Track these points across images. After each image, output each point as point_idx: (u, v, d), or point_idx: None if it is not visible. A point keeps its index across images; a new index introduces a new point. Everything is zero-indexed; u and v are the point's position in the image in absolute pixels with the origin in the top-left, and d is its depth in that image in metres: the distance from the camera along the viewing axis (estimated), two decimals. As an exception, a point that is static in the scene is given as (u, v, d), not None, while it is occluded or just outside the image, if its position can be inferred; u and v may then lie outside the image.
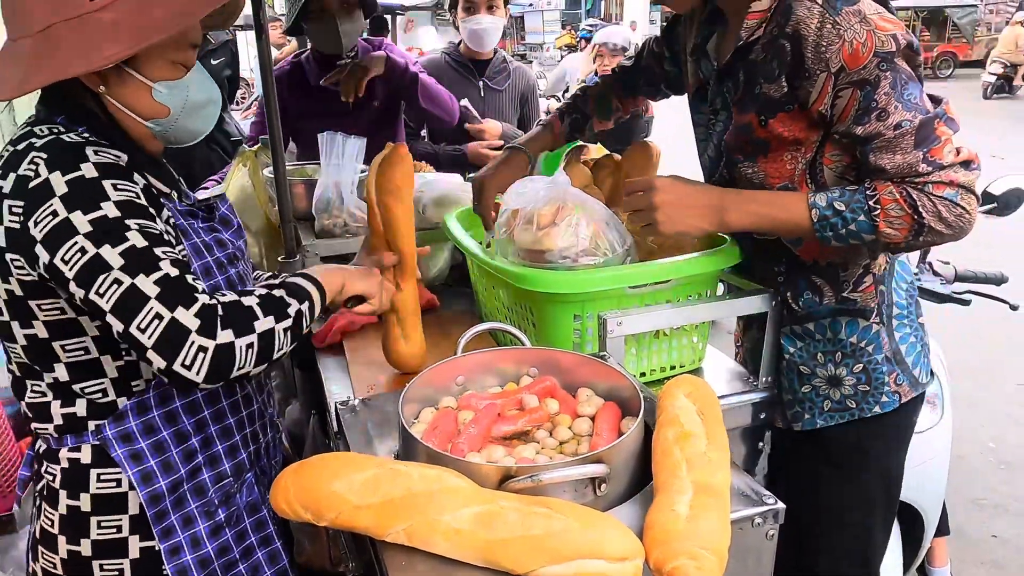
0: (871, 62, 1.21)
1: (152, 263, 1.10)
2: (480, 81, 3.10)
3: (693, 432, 0.98)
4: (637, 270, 1.43)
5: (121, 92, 1.22)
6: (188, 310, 1.09)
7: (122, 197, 1.13)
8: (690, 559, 0.81)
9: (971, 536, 2.94)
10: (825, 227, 1.28)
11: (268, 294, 1.21)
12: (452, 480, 0.91)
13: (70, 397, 1.24)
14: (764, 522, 0.94)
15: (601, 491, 0.94)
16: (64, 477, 1.26)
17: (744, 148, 1.40)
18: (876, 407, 1.45)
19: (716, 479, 0.91)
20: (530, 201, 1.45)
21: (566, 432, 1.09)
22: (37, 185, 1.11)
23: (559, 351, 1.24)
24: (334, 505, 0.92)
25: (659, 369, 1.56)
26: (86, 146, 1.16)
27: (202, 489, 1.32)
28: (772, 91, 1.32)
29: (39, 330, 1.19)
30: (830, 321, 1.44)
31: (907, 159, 1.23)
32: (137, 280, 1.08)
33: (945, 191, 1.22)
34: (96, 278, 1.08)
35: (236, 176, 2.27)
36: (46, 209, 1.09)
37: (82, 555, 1.26)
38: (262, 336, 1.15)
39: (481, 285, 1.78)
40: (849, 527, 1.52)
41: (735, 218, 1.36)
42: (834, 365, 1.45)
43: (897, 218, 1.24)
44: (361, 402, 1.27)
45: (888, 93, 1.22)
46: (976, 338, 3.18)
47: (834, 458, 1.49)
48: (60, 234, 1.09)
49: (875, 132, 1.24)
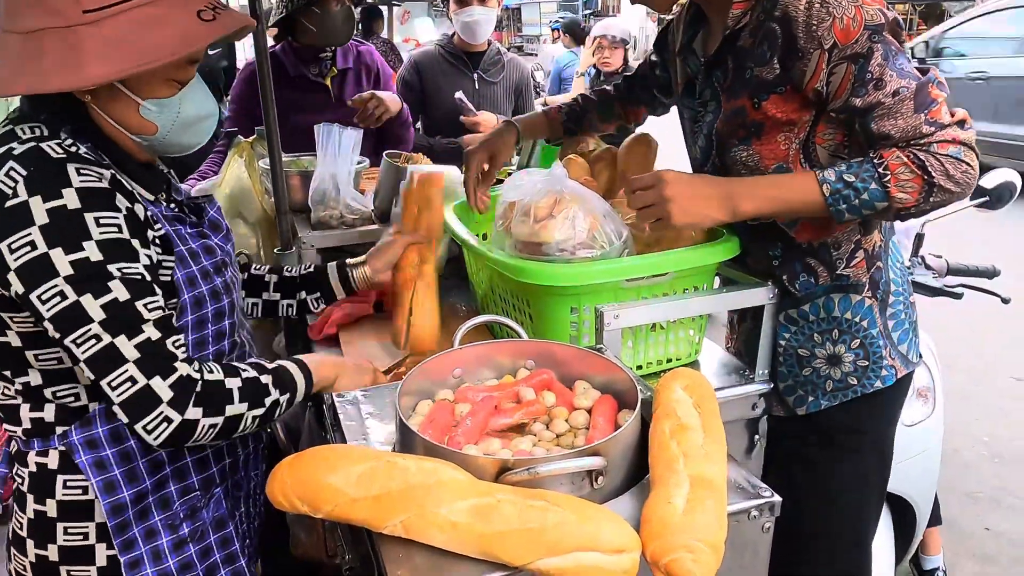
0: (862, 35, 1.25)
1: (135, 322, 1.08)
2: (474, 73, 3.09)
3: (690, 425, 0.98)
4: (634, 263, 1.43)
5: (108, 105, 1.17)
6: (164, 380, 1.09)
7: (105, 236, 1.09)
8: (687, 552, 0.81)
9: (964, 529, 2.96)
10: (838, 200, 1.29)
11: (254, 379, 1.20)
12: (449, 473, 0.91)
13: (39, 401, 1.21)
14: (760, 515, 0.94)
15: (598, 484, 0.94)
16: (32, 481, 1.23)
17: (737, 132, 1.42)
18: (877, 382, 1.47)
19: (712, 472, 0.91)
20: (527, 193, 1.44)
21: (563, 425, 1.09)
22: (14, 206, 1.05)
23: (556, 344, 1.24)
24: (331, 497, 0.92)
25: (655, 362, 1.56)
26: (68, 162, 1.10)
27: (167, 502, 1.29)
28: (764, 73, 1.35)
29: (12, 339, 1.16)
30: (823, 300, 1.46)
31: (910, 122, 1.26)
32: (117, 340, 1.07)
33: (949, 149, 1.25)
34: (75, 328, 1.06)
35: (232, 167, 2.26)
36: (23, 237, 1.05)
37: (49, 560, 1.24)
38: (229, 419, 1.15)
39: (478, 278, 1.78)
40: (845, 508, 1.54)
41: (748, 205, 1.35)
42: (832, 343, 1.47)
43: (908, 181, 1.26)
44: (358, 394, 1.27)
45: (881, 64, 1.26)
46: (969, 332, 3.19)
47: (829, 440, 1.51)
48: (38, 271, 1.05)
49: (875, 102, 1.27)
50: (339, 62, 2.81)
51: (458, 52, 3.10)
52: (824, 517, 1.53)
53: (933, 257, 2.24)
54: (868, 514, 1.58)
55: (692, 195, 1.36)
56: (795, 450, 1.54)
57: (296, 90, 2.69)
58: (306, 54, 2.74)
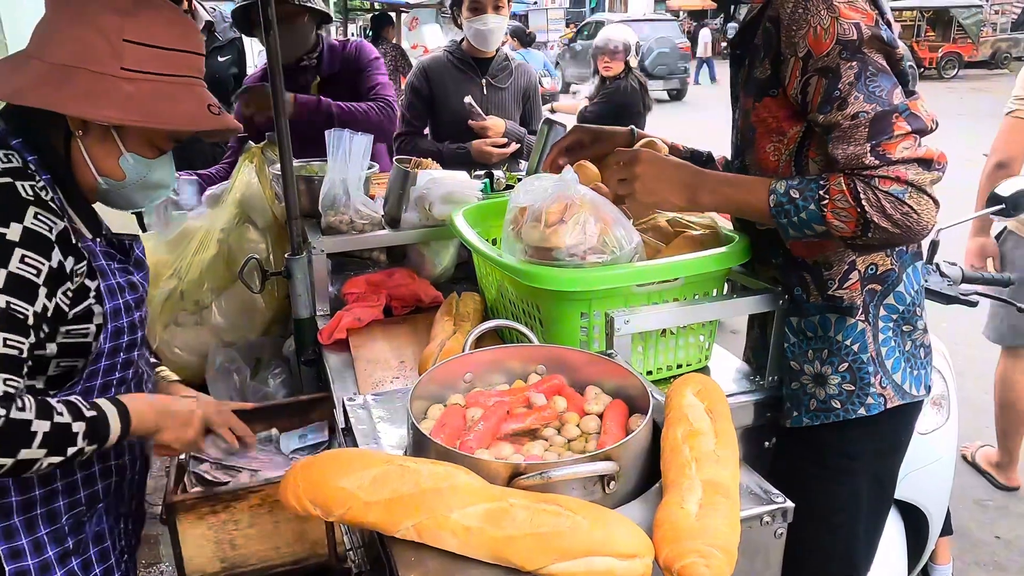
0: (833, 49, 1.23)
1: None
2: (483, 79, 3.10)
3: (702, 430, 0.98)
4: (645, 268, 1.43)
5: (93, 144, 1.29)
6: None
7: (20, 271, 1.15)
8: (700, 557, 0.81)
9: (974, 537, 2.94)
10: (780, 213, 1.29)
11: (66, 426, 1.18)
12: (461, 477, 0.91)
13: None
14: (773, 520, 0.94)
15: (610, 489, 0.94)
16: None
17: (746, 135, 1.44)
18: (861, 409, 1.43)
19: (725, 477, 0.91)
20: (538, 198, 1.44)
21: (574, 430, 1.09)
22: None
23: (567, 349, 1.24)
24: (343, 501, 0.92)
25: (665, 367, 1.56)
26: (32, 205, 1.18)
27: (55, 515, 1.31)
28: (760, 73, 1.36)
29: None
30: (819, 318, 1.44)
31: (856, 150, 1.22)
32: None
33: (892, 187, 1.20)
34: None
35: (242, 173, 2.27)
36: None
37: None
38: (20, 462, 1.14)
39: (487, 282, 1.78)
40: (837, 528, 1.51)
41: (705, 198, 1.40)
42: (820, 362, 1.45)
43: (843, 210, 1.23)
44: (369, 398, 1.27)
45: (851, 83, 1.22)
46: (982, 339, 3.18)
47: (823, 458, 1.49)
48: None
49: (834, 122, 1.25)
50: (325, 68, 2.84)
51: (466, 58, 3.11)
52: (817, 537, 1.49)
53: (948, 264, 2.23)
54: (861, 540, 1.55)
55: (658, 177, 1.41)
56: (791, 467, 1.52)
57: None
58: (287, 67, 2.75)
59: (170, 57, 1.28)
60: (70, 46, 1.23)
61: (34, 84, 1.21)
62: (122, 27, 1.23)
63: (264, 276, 2.05)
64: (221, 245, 2.28)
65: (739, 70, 1.49)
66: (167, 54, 1.27)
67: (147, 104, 1.24)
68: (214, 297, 2.31)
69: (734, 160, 1.55)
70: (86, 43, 1.22)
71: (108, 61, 1.22)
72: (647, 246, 1.56)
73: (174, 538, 1.48)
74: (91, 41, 1.22)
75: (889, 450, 1.52)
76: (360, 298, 1.98)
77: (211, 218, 2.32)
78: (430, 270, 2.16)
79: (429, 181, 2.07)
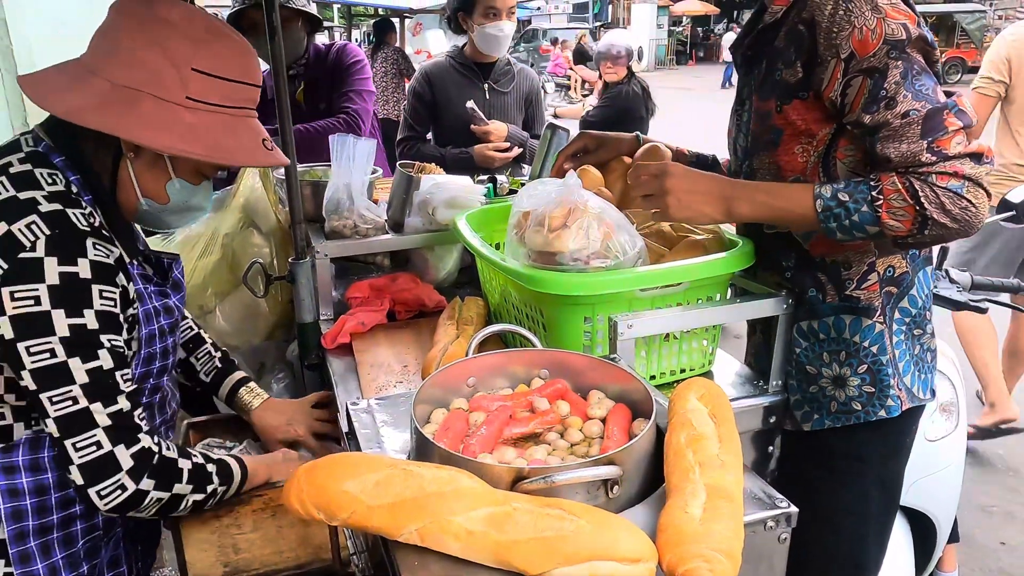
0: (880, 49, 1.22)
1: (112, 392, 1.16)
2: (485, 84, 3.11)
3: (705, 434, 0.98)
4: (648, 272, 1.43)
5: (143, 168, 1.28)
6: (127, 449, 1.17)
7: (103, 307, 1.16)
8: (703, 562, 0.80)
9: (979, 543, 2.92)
10: (829, 218, 1.28)
11: (202, 466, 1.30)
12: (465, 481, 0.91)
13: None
14: (777, 526, 0.94)
15: (613, 493, 0.94)
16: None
17: (763, 137, 1.42)
18: (881, 411, 1.43)
19: (729, 481, 0.91)
20: (541, 203, 1.45)
21: (577, 434, 1.09)
22: (29, 260, 1.11)
23: (570, 353, 1.24)
24: (347, 505, 0.92)
25: (669, 372, 1.56)
26: (89, 236, 1.18)
27: (72, 540, 1.30)
28: (788, 76, 1.34)
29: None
30: (834, 319, 1.44)
31: (912, 148, 1.22)
32: (93, 406, 1.14)
33: (950, 182, 1.20)
34: (55, 386, 1.13)
35: (246, 177, 2.28)
36: (30, 290, 1.11)
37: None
38: (173, 497, 1.24)
39: (491, 287, 1.78)
40: (843, 533, 1.51)
41: (743, 208, 1.37)
42: (839, 365, 1.44)
43: (900, 208, 1.22)
44: (372, 402, 1.27)
45: (898, 82, 1.22)
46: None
47: (831, 462, 1.49)
48: (35, 325, 1.11)
49: (883, 121, 1.24)
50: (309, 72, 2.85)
51: (469, 63, 3.12)
52: (822, 540, 1.50)
53: (957, 271, 2.23)
54: (868, 545, 1.54)
55: (691, 190, 1.37)
56: (798, 471, 1.52)
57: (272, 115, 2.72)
58: None
59: (233, 89, 1.26)
60: (139, 70, 1.19)
61: (97, 106, 1.18)
62: (193, 56, 1.21)
63: (268, 280, 2.05)
64: (225, 250, 2.29)
65: (750, 73, 1.48)
66: (231, 86, 1.25)
67: (208, 136, 1.23)
68: (218, 301, 2.31)
69: (741, 163, 1.54)
70: (155, 69, 1.19)
71: (175, 89, 1.20)
72: (650, 251, 1.56)
73: (177, 542, 1.47)
74: (160, 67, 1.20)
75: (895, 453, 1.52)
76: (364, 302, 1.98)
77: (215, 222, 2.32)
78: (433, 275, 2.17)
79: (432, 186, 2.07)
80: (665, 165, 1.40)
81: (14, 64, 3.68)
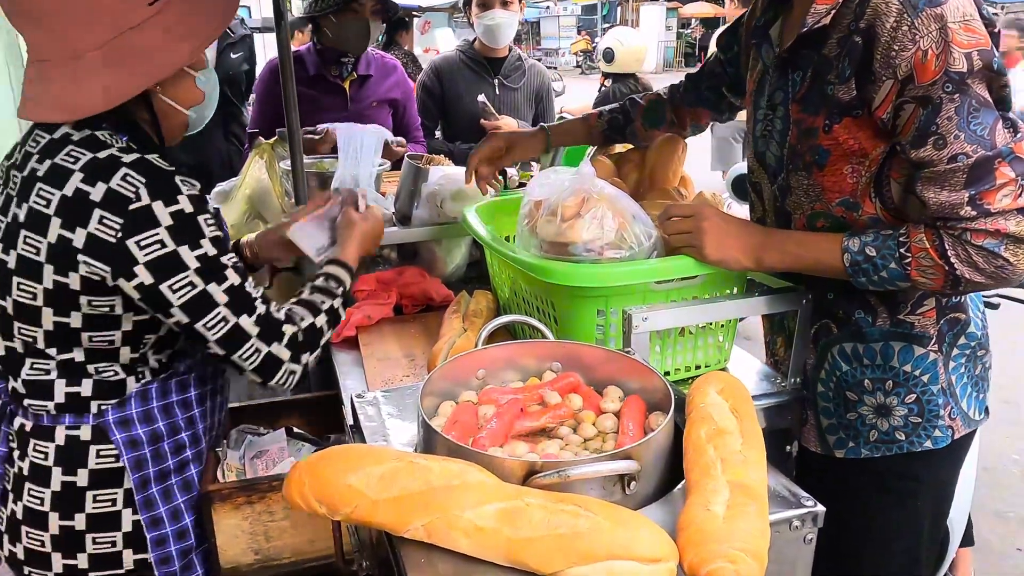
0: (939, 80, 1.09)
1: (249, 303, 1.27)
2: (495, 79, 3.08)
3: (727, 429, 0.94)
4: (664, 265, 1.39)
5: (171, 87, 1.28)
6: (281, 344, 1.29)
7: (212, 234, 1.23)
8: (728, 562, 0.76)
9: (995, 549, 2.87)
10: (858, 272, 1.21)
11: (334, 309, 1.40)
12: (475, 475, 0.87)
13: (77, 377, 1.27)
14: (803, 525, 0.89)
15: (630, 489, 0.90)
16: (59, 454, 1.28)
17: (804, 156, 1.30)
18: (928, 442, 1.33)
19: (753, 479, 0.87)
20: (554, 192, 1.40)
21: (591, 429, 1.05)
22: (140, 208, 1.16)
23: (583, 345, 1.20)
24: (350, 499, 0.88)
25: (683, 368, 1.52)
26: (174, 175, 1.21)
27: (190, 485, 1.40)
28: (842, 93, 1.21)
29: (73, 320, 1.22)
30: (882, 346, 1.32)
31: (951, 199, 1.11)
32: (240, 320, 1.25)
33: (986, 240, 1.10)
34: (205, 313, 1.22)
35: (252, 168, 2.24)
36: (152, 236, 1.16)
37: (75, 529, 1.29)
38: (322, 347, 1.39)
39: (501, 279, 1.74)
40: (897, 554, 1.42)
41: (773, 258, 1.33)
42: (884, 394, 1.34)
43: (928, 267, 1.15)
44: (378, 395, 1.23)
45: (951, 118, 1.10)
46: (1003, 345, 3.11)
47: (884, 485, 1.39)
48: (169, 265, 1.18)
49: (928, 159, 1.13)
50: (360, 68, 2.83)
51: (479, 58, 3.08)
52: (872, 560, 1.41)
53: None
54: (921, 562, 1.45)
55: (726, 233, 1.33)
56: (843, 486, 1.40)
57: (314, 89, 2.74)
58: (328, 56, 2.77)
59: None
60: (102, 16, 1.16)
61: (109, 81, 1.17)
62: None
63: (273, 272, 2.02)
64: (230, 241, 2.26)
65: (785, 75, 1.33)
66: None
67: (192, 20, 1.22)
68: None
69: (774, 176, 1.40)
70: (109, 5, 1.16)
71: (138, 7, 1.18)
72: (665, 242, 1.51)
73: (208, 528, 1.46)
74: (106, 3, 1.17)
75: (948, 475, 1.43)
76: (370, 296, 1.94)
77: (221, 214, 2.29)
78: (441, 268, 2.13)
79: (441, 178, 2.03)
80: (699, 207, 1.36)
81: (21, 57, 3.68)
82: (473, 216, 1.71)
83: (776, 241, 1.33)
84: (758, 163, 1.45)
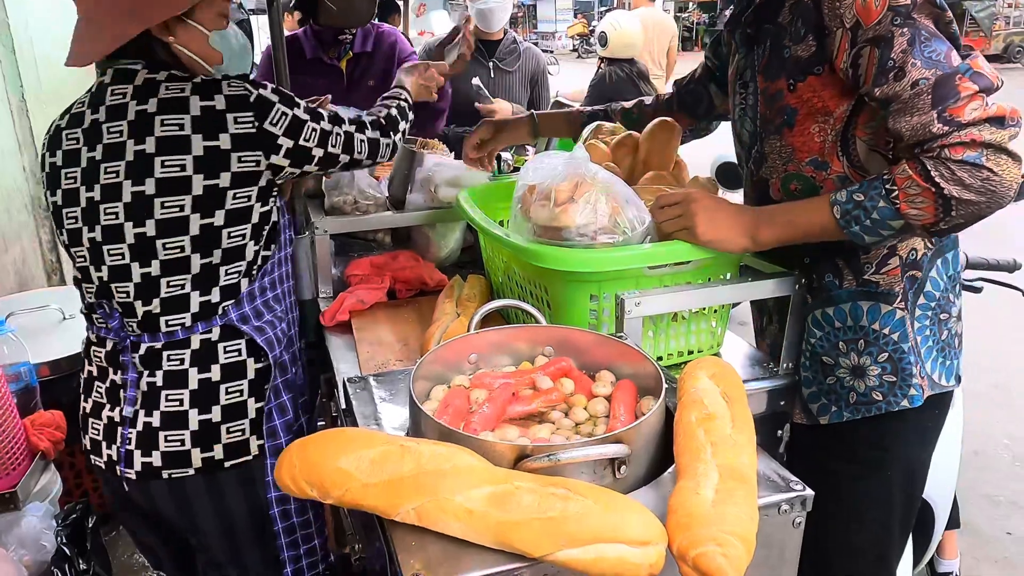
0: (885, 17, 1.16)
1: (340, 119, 1.57)
2: (490, 62, 3.06)
3: (717, 414, 0.94)
4: (657, 250, 1.39)
5: (186, 41, 1.43)
6: (373, 130, 1.64)
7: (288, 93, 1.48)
8: (716, 545, 0.76)
9: (985, 533, 2.89)
10: (850, 222, 1.22)
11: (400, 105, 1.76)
12: (465, 458, 0.87)
13: (209, 285, 1.43)
14: (791, 509, 0.90)
15: (621, 473, 0.90)
16: (194, 357, 1.44)
17: (775, 120, 1.35)
18: (904, 400, 1.37)
19: (743, 463, 0.87)
20: (548, 176, 1.40)
21: (582, 413, 1.05)
22: (255, 99, 1.40)
23: (575, 330, 1.20)
24: (341, 482, 0.88)
25: (676, 353, 1.52)
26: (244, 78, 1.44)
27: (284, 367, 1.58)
28: (800, 51, 1.28)
29: (217, 219, 1.39)
30: (850, 306, 1.37)
31: (922, 120, 1.13)
32: (344, 128, 1.57)
33: (965, 153, 1.11)
34: (328, 140, 1.53)
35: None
36: (276, 112, 1.42)
37: (212, 422, 1.45)
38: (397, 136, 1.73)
39: (494, 265, 1.74)
40: (868, 525, 1.46)
41: (767, 233, 1.33)
42: (857, 354, 1.38)
43: (917, 195, 1.16)
44: (370, 379, 1.23)
45: (905, 50, 1.15)
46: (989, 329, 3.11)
47: (855, 454, 1.43)
48: (296, 126, 1.45)
49: (892, 93, 1.17)
50: (357, 46, 2.78)
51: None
52: (846, 533, 1.45)
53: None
54: (893, 536, 1.49)
55: (717, 212, 1.34)
56: (818, 463, 1.44)
57: (310, 74, 2.68)
58: (326, 36, 2.72)
59: None
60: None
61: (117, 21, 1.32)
62: None
63: (266, 257, 2.01)
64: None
65: (751, 52, 1.42)
66: None
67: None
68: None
69: (750, 149, 1.47)
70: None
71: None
72: (659, 231, 1.50)
73: None
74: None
75: (920, 444, 1.45)
76: (363, 280, 1.94)
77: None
78: (435, 253, 2.12)
79: (435, 164, 2.03)
80: (688, 192, 1.37)
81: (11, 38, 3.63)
82: (467, 200, 1.70)
83: (766, 215, 1.35)
84: (738, 141, 1.52)
